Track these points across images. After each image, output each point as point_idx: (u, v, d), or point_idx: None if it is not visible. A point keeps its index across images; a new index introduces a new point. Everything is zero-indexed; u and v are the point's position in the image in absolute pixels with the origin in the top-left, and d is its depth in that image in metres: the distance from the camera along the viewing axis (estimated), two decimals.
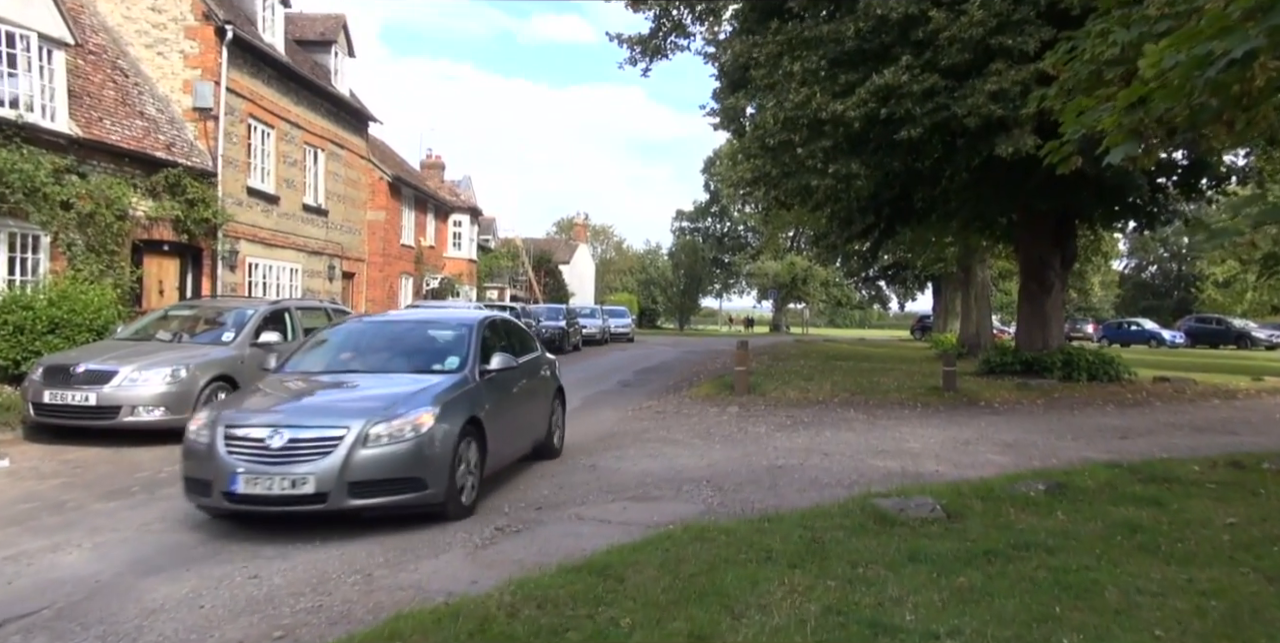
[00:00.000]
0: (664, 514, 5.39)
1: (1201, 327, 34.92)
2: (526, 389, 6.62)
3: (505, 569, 4.23)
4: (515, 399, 6.32)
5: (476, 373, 5.81)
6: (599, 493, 6.03)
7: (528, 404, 6.63)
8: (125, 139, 11.22)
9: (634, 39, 12.38)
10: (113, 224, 10.62)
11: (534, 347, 7.39)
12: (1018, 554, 4.30)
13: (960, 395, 11.70)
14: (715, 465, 7.02)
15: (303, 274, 16.18)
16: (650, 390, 13.34)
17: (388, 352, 6.26)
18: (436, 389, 5.38)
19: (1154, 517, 5.10)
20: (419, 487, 4.94)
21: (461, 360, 5.90)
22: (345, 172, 18.22)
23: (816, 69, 10.59)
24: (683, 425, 9.34)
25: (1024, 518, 5.07)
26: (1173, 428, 9.39)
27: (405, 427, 4.94)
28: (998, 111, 9.64)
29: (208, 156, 12.90)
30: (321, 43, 17.62)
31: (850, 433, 8.81)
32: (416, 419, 5.00)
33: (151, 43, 12.96)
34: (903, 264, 30.38)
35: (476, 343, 6.05)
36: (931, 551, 4.30)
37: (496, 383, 5.98)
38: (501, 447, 5.88)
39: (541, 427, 6.98)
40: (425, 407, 5.11)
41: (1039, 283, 13.63)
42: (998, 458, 7.51)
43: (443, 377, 5.66)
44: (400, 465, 4.87)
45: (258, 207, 14.56)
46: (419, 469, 4.93)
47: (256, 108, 14.32)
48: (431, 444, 4.98)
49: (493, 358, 5.99)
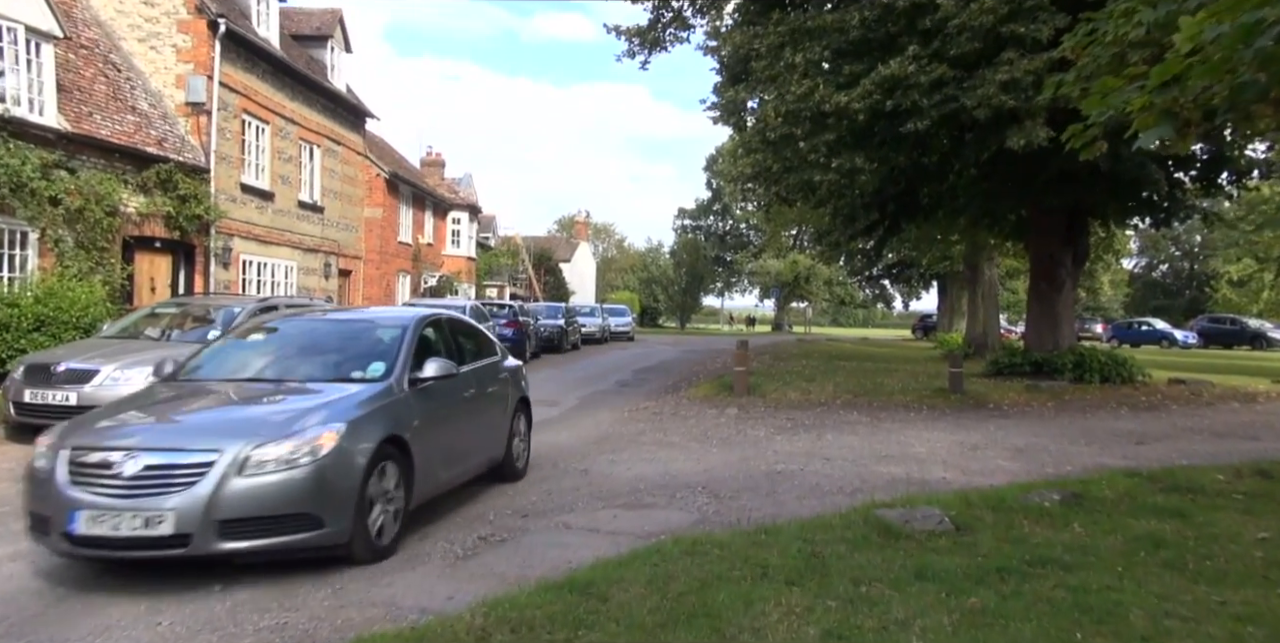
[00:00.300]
0: (656, 523, 5.13)
1: (1215, 327, 34.40)
2: (477, 400, 5.73)
3: (484, 584, 3.97)
4: (459, 413, 5.44)
5: (405, 382, 4.88)
6: (589, 500, 5.78)
7: (477, 418, 5.73)
8: (116, 134, 11.00)
9: (632, 31, 12.09)
10: (102, 220, 10.41)
11: (491, 351, 6.45)
12: (1033, 572, 4.02)
13: (967, 397, 11.39)
14: (712, 471, 6.77)
15: (298, 272, 15.96)
16: (648, 391, 13.08)
17: (306, 356, 5.29)
18: (348, 402, 4.48)
19: (1178, 531, 4.80)
20: (312, 525, 3.99)
21: (388, 367, 4.93)
22: (342, 168, 18.00)
23: (819, 60, 10.30)
24: (680, 428, 9.08)
25: (1038, 531, 4.78)
26: (1191, 433, 9.07)
27: (299, 449, 4.01)
28: (1009, 102, 9.32)
29: (200, 152, 12.68)
30: (317, 37, 17.40)
31: (853, 437, 8.53)
32: (315, 440, 4.07)
33: (144, 37, 12.75)
34: (907, 262, 30.02)
35: (409, 347, 5.11)
36: (939, 567, 4.01)
37: (432, 394, 5.04)
38: (435, 470, 5.00)
39: (497, 444, 6.05)
40: (329, 424, 4.19)
41: (1049, 281, 13.30)
42: (1008, 464, 7.23)
43: (362, 387, 4.72)
44: (287, 499, 3.93)
45: (252, 203, 14.34)
46: (312, 503, 3.99)
47: (251, 103, 14.10)
48: (332, 471, 4.06)
49: (427, 365, 5.03)
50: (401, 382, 4.88)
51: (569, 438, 8.45)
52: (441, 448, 5.09)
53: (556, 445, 7.97)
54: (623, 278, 60.00)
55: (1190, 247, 55.58)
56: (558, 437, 8.54)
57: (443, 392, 5.20)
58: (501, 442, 6.11)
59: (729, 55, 11.52)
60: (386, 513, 4.45)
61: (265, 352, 5.45)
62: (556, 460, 7.18)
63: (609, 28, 12.32)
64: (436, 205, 25.06)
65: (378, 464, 4.36)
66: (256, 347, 5.57)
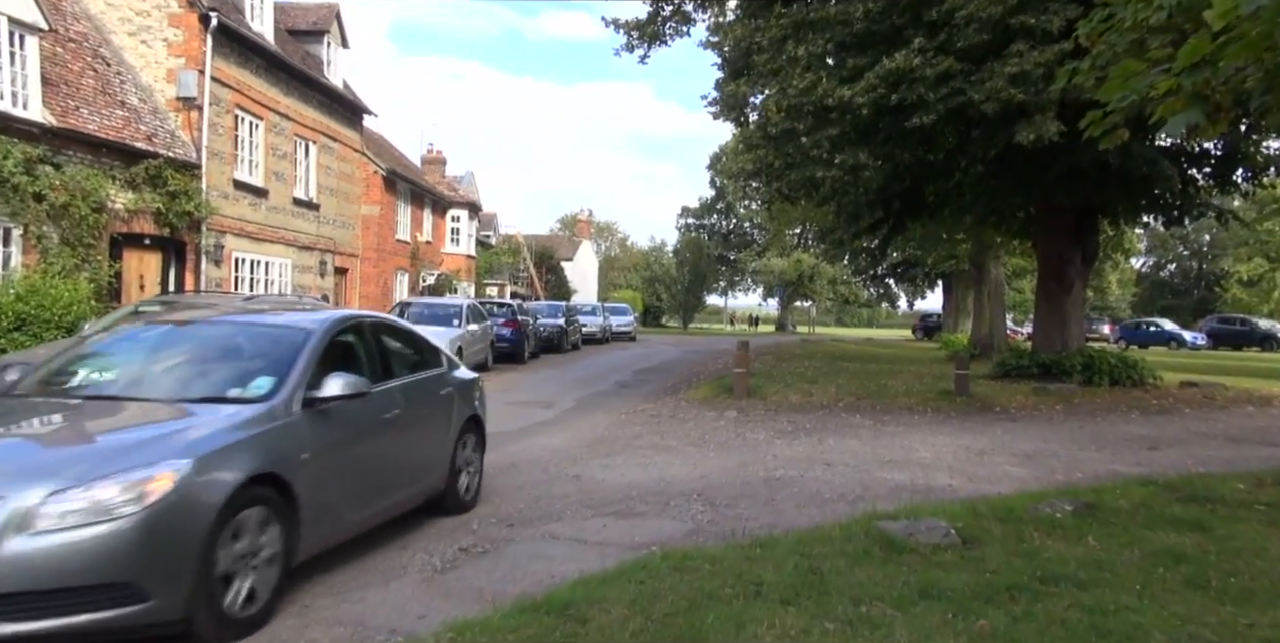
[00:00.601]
0: (647, 533, 4.89)
1: (1225, 327, 34.01)
2: (405, 422, 4.72)
3: (459, 602, 3.73)
4: (377, 438, 4.47)
5: (297, 402, 3.85)
6: (579, 507, 5.54)
7: (406, 444, 4.75)
8: (103, 129, 10.79)
9: (631, 24, 11.85)
10: (88, 217, 10.20)
11: (433, 361, 5.46)
12: (1045, 590, 3.76)
13: (973, 400, 11.12)
14: (708, 476, 6.53)
15: (293, 270, 15.76)
16: (647, 392, 12.85)
17: (178, 366, 4.29)
18: (207, 430, 3.46)
19: (1199, 544, 4.54)
20: (131, 598, 2.95)
21: (275, 383, 3.89)
22: (338, 165, 17.79)
23: (822, 53, 10.06)
24: (677, 431, 8.84)
25: (1050, 544, 4.51)
26: (1205, 437, 8.79)
27: (117, 496, 2.97)
28: (1018, 96, 9.05)
29: (191, 148, 12.47)
30: (314, 32, 17.18)
31: (855, 440, 8.28)
32: (143, 483, 3.04)
33: (134, 30, 12.55)
34: (912, 262, 29.72)
35: (309, 358, 4.08)
36: (945, 585, 3.75)
37: (335, 417, 4.04)
38: (337, 513, 4.04)
39: (433, 473, 5.06)
40: (166, 461, 3.15)
41: (1058, 281, 13.00)
42: (1016, 470, 6.97)
43: (235, 409, 3.69)
44: (93, 564, 2.89)
45: (245, 200, 14.14)
46: (131, 569, 2.95)
47: (244, 98, 13.89)
48: (164, 525, 3.02)
49: (328, 381, 3.99)
50: (291, 402, 3.84)
51: (563, 441, 8.23)
52: (347, 484, 4.13)
53: (550, 449, 7.75)
54: (625, 277, 59.78)
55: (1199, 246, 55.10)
56: (551, 439, 8.33)
57: (352, 413, 4.18)
58: (441, 469, 5.15)
59: (730, 49, 11.28)
60: (253, 574, 3.40)
61: (128, 359, 4.36)
62: (548, 465, 6.95)
63: (608, 21, 12.10)
64: (436, 203, 24.85)
65: (239, 512, 3.32)
66: (120, 352, 4.47)
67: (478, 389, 5.96)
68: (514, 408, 10.84)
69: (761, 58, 10.52)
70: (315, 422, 3.95)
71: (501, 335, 16.87)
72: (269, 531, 3.53)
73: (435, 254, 24.92)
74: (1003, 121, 9.86)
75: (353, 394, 4.10)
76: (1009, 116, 9.70)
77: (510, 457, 7.29)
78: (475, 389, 5.89)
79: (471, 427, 5.62)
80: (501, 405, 11.36)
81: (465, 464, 5.49)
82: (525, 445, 7.97)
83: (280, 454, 3.67)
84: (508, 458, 7.23)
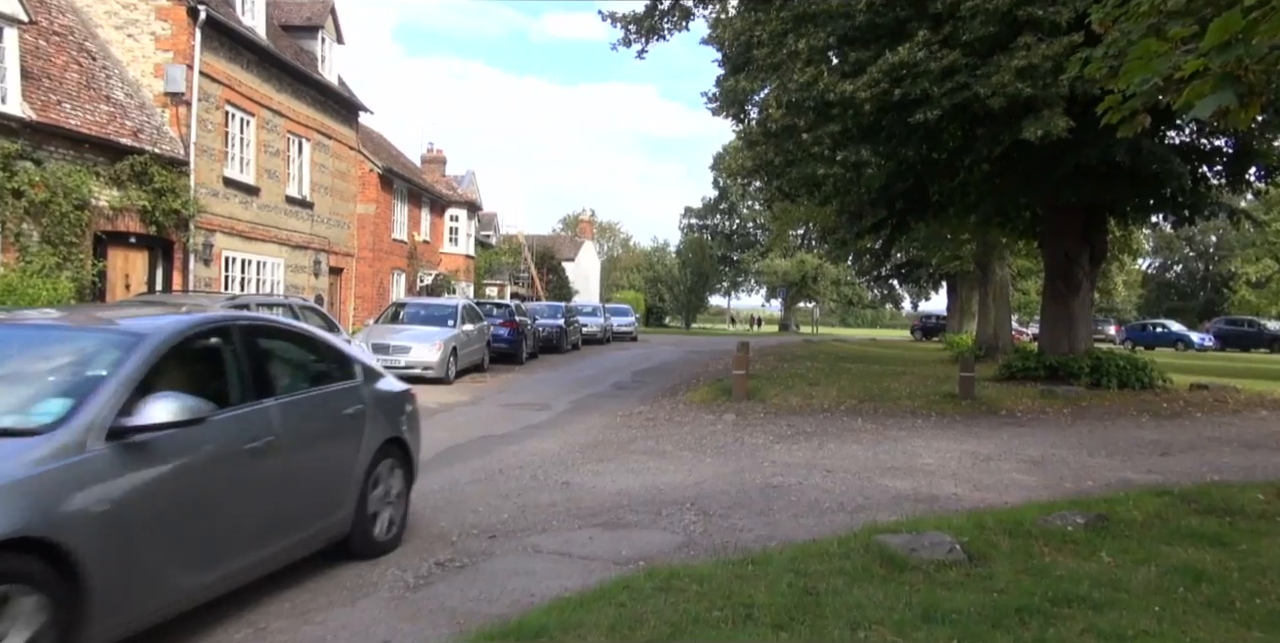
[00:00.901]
0: (635, 546, 4.63)
1: (1232, 329, 33.63)
2: (281, 452, 3.69)
3: (428, 624, 3.48)
4: (233, 475, 3.46)
5: (97, 433, 2.88)
6: (566, 517, 5.29)
7: (277, 480, 3.71)
8: (86, 124, 10.56)
9: (628, 18, 11.59)
10: (70, 214, 9.97)
11: (342, 372, 4.47)
12: (1058, 612, 3.50)
13: (979, 403, 10.84)
14: (703, 484, 6.28)
15: (285, 269, 15.52)
16: (644, 394, 12.60)
17: None
18: None
19: (1219, 561, 4.27)
20: None
21: (69, 408, 2.92)
22: (333, 163, 17.56)
23: (824, 47, 9.78)
24: (673, 435, 8.59)
25: (1062, 561, 4.25)
26: (1219, 443, 8.51)
27: None
28: (1025, 90, 8.77)
29: (179, 144, 12.24)
30: (307, 28, 16.95)
31: (857, 446, 8.02)
32: None
33: (121, 24, 12.32)
34: (916, 262, 29.44)
35: (130, 373, 3.11)
36: (950, 606, 3.49)
37: (162, 451, 3.08)
38: (162, 580, 3.07)
39: (332, 512, 4.05)
40: None
41: (1065, 281, 12.72)
42: (1023, 478, 6.71)
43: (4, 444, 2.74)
44: None
45: (235, 198, 13.90)
46: None
47: (234, 94, 13.66)
48: None
49: (148, 405, 3.01)
50: (88, 434, 2.86)
51: (555, 446, 7.98)
52: (182, 539, 3.15)
53: (541, 454, 7.51)
54: (628, 277, 59.56)
55: (1205, 247, 54.65)
56: (543, 444, 8.09)
57: (190, 445, 3.22)
58: (345, 507, 4.13)
59: (729, 42, 11.02)
60: None
61: None
62: (537, 471, 6.71)
63: (604, 15, 11.83)
64: (434, 202, 24.61)
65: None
66: None
67: (406, 406, 4.95)
68: (508, 411, 10.62)
69: (761, 52, 10.26)
70: (127, 459, 2.94)
71: (498, 336, 16.62)
72: (22, 621, 2.47)
73: (433, 254, 24.68)
74: (1009, 117, 9.59)
75: (185, 422, 3.09)
76: (1016, 112, 9.43)
77: (499, 462, 7.07)
78: (402, 406, 4.89)
79: (393, 451, 4.61)
80: (495, 408, 11.17)
81: (383, 499, 4.48)
82: (516, 450, 7.74)
83: (52, 508, 2.63)
84: (496, 463, 7.01)
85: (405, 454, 4.81)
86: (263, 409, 3.72)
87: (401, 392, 5.01)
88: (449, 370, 13.15)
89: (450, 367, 13.20)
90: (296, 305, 9.33)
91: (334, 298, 18.04)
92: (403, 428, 4.81)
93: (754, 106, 11.32)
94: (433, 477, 6.42)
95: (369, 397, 4.56)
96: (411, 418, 4.99)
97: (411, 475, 4.93)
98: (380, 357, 12.80)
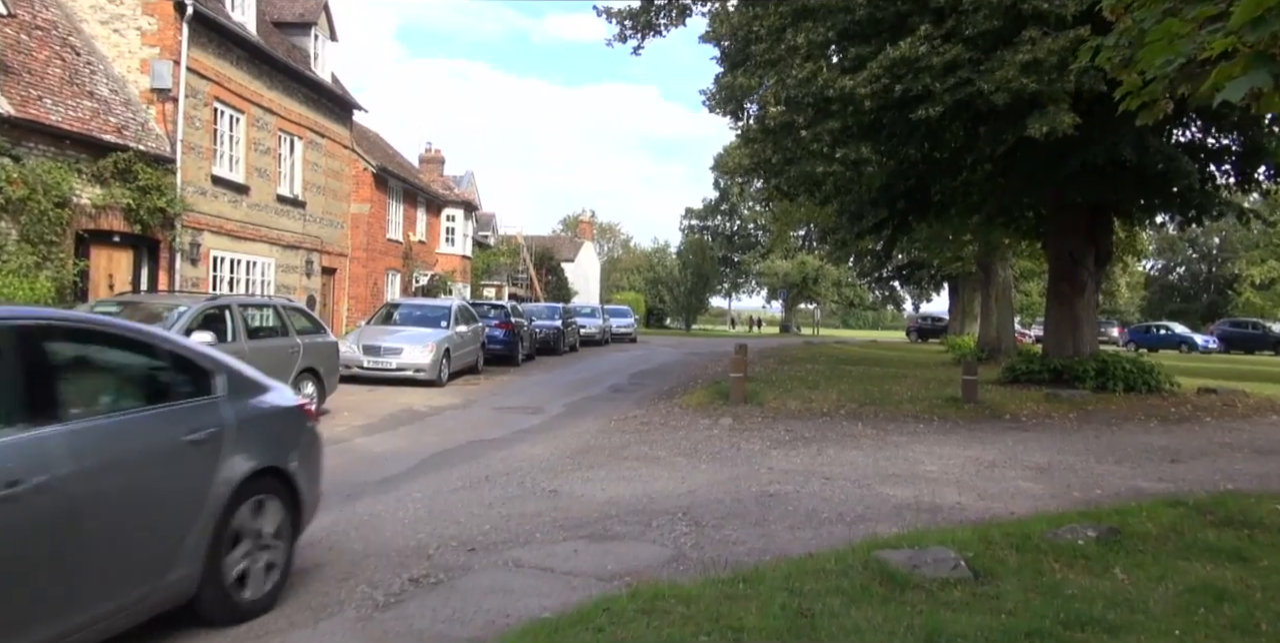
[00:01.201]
0: (622, 561, 4.39)
1: (1237, 331, 33.36)
2: (63, 498, 2.72)
3: None
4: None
5: None
6: (551, 528, 5.04)
7: (73, 534, 2.76)
8: (68, 120, 10.33)
9: (624, 13, 11.36)
10: (50, 212, 9.72)
11: (185, 387, 3.56)
12: (1071, 637, 3.26)
13: (982, 407, 10.58)
14: (696, 492, 6.04)
15: (276, 269, 15.28)
16: (640, 397, 12.37)
17: None
18: None
19: (1240, 579, 4.02)
20: None
21: None
22: (326, 162, 17.32)
23: (823, 42, 9.56)
24: (668, 440, 8.35)
25: (1073, 578, 4.00)
26: (1230, 449, 8.25)
27: None
28: (1030, 85, 8.53)
29: (165, 141, 12.00)
30: (300, 25, 16.71)
31: (856, 451, 7.77)
32: None
33: (107, 19, 12.09)
34: (918, 263, 29.20)
35: None
36: (955, 630, 3.24)
37: None
38: None
39: (164, 571, 3.13)
40: None
41: (1070, 283, 12.46)
42: (1030, 486, 6.47)
43: None
44: None
45: (224, 196, 13.66)
46: None
47: (223, 91, 13.43)
48: None
49: None
50: None
51: (545, 451, 7.74)
52: None
53: (530, 459, 7.27)
54: (628, 278, 59.32)
55: (1208, 249, 54.36)
56: (533, 449, 7.85)
57: None
58: (178, 564, 3.18)
59: (726, 37, 10.79)
60: None
61: None
62: (524, 478, 6.47)
63: (599, 10, 11.59)
64: (430, 202, 24.38)
65: None
66: None
67: (296, 426, 4.01)
68: (500, 414, 10.38)
69: (760, 47, 10.03)
70: None
71: (494, 338, 16.37)
72: None
73: (429, 254, 24.45)
74: (1013, 114, 9.36)
75: None
76: (1020, 108, 9.20)
77: (486, 468, 6.84)
78: (287, 427, 3.95)
79: (269, 486, 3.65)
80: (487, 411, 10.93)
81: (251, 550, 3.52)
82: (505, 456, 7.50)
83: None
84: (483, 470, 6.78)
85: (290, 491, 3.77)
86: (32, 440, 2.70)
87: (288, 409, 4.00)
88: (441, 373, 12.90)
89: (443, 369, 12.96)
90: (281, 306, 9.10)
91: (327, 298, 17.80)
92: (287, 456, 3.80)
93: (752, 103, 11.09)
94: (415, 484, 6.20)
95: (232, 416, 3.58)
96: (305, 442, 4.02)
97: (300, 516, 3.88)
98: (371, 358, 12.60)
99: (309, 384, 8.72)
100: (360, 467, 6.92)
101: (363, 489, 6.02)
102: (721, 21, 11.02)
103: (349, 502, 5.63)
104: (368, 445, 7.95)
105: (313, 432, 4.21)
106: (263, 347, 8.31)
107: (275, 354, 8.43)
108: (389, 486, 6.17)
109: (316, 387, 8.83)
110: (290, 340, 8.65)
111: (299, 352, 8.63)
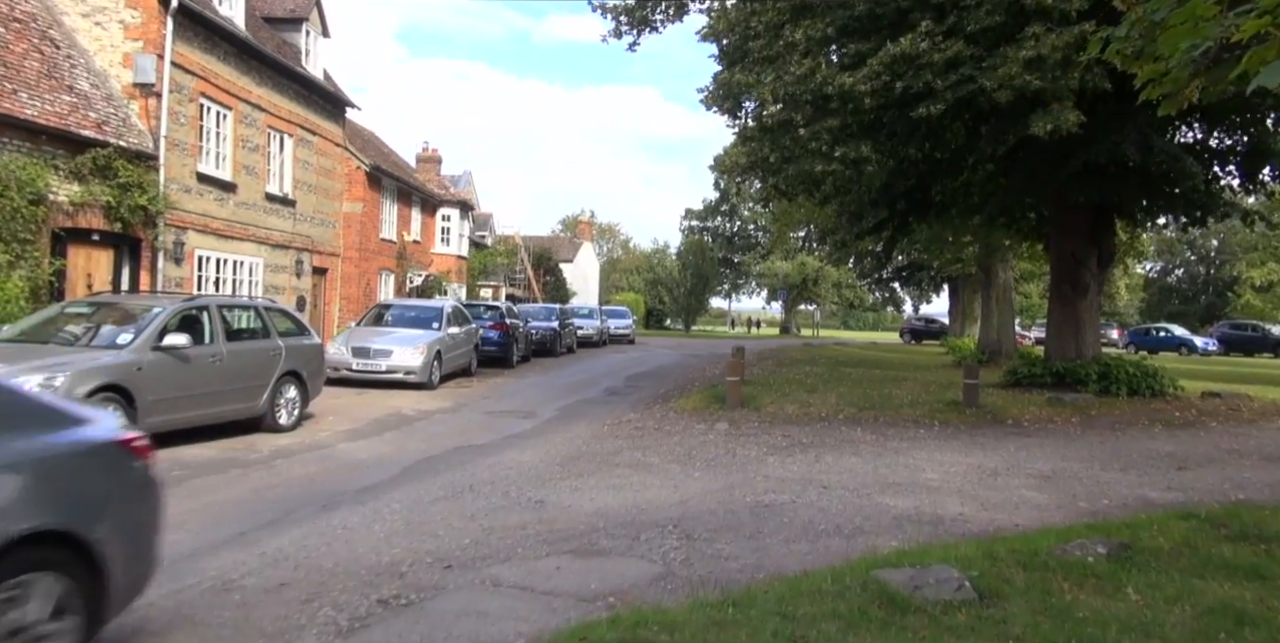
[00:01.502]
0: (606, 579, 4.15)
1: (1236, 334, 33.20)
2: None
3: None
4: None
5: None
6: (534, 543, 4.80)
7: None
8: (44, 115, 10.05)
9: (619, 8, 11.12)
10: (23, 209, 9.43)
11: None
12: None
13: (983, 412, 10.35)
14: (688, 502, 5.80)
15: (265, 269, 15.01)
16: (635, 400, 12.12)
17: None
18: None
19: (1261, 599, 3.80)
20: None
21: None
22: (317, 160, 17.05)
23: (822, 38, 9.32)
24: (661, 446, 8.11)
25: (1084, 599, 3.77)
26: (1238, 456, 8.03)
27: None
28: (1034, 82, 8.30)
29: (148, 137, 11.73)
30: (291, 20, 16.44)
31: (855, 458, 7.54)
32: None
33: (88, 11, 11.80)
34: (918, 265, 28.98)
35: None
36: None
37: None
38: None
39: None
40: None
41: (1072, 284, 12.24)
42: (1034, 495, 6.24)
43: None
44: None
45: (210, 194, 13.39)
46: None
47: (210, 86, 13.16)
48: None
49: None
50: None
51: (534, 458, 7.49)
52: None
53: (517, 467, 7.03)
54: (628, 279, 59.03)
55: (1206, 251, 54.22)
56: (522, 455, 7.60)
57: None
58: None
59: (724, 34, 10.55)
60: None
61: None
62: (510, 487, 6.21)
63: (594, 5, 11.35)
64: (425, 201, 24.11)
65: None
66: None
67: (108, 475, 2.91)
68: (490, 418, 10.14)
69: (758, 44, 9.80)
70: None
71: (488, 339, 16.11)
72: None
73: (424, 254, 24.18)
74: (1016, 112, 9.14)
75: None
76: (1023, 106, 8.97)
77: (471, 477, 6.59)
78: (96, 475, 2.86)
79: (51, 560, 2.60)
80: (478, 415, 10.68)
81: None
82: (492, 463, 7.25)
83: None
84: (468, 478, 6.52)
85: (90, 562, 2.67)
86: None
87: (97, 445, 2.90)
88: (432, 375, 12.64)
89: (434, 371, 12.70)
90: (262, 307, 8.83)
91: (318, 299, 17.53)
92: (84, 514, 2.70)
93: (750, 101, 10.87)
94: (395, 494, 5.95)
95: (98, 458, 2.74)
96: (124, 493, 2.93)
97: (105, 592, 2.74)
98: (360, 361, 12.34)
99: (291, 388, 8.46)
100: (340, 475, 6.67)
101: (339, 499, 5.77)
102: (719, 18, 10.79)
103: (323, 513, 5.38)
104: (350, 452, 7.70)
105: (143, 478, 3.02)
106: (242, 349, 8.05)
107: (256, 357, 8.16)
108: (367, 495, 5.92)
109: (299, 390, 8.57)
110: (272, 343, 8.39)
111: (281, 354, 8.37)
